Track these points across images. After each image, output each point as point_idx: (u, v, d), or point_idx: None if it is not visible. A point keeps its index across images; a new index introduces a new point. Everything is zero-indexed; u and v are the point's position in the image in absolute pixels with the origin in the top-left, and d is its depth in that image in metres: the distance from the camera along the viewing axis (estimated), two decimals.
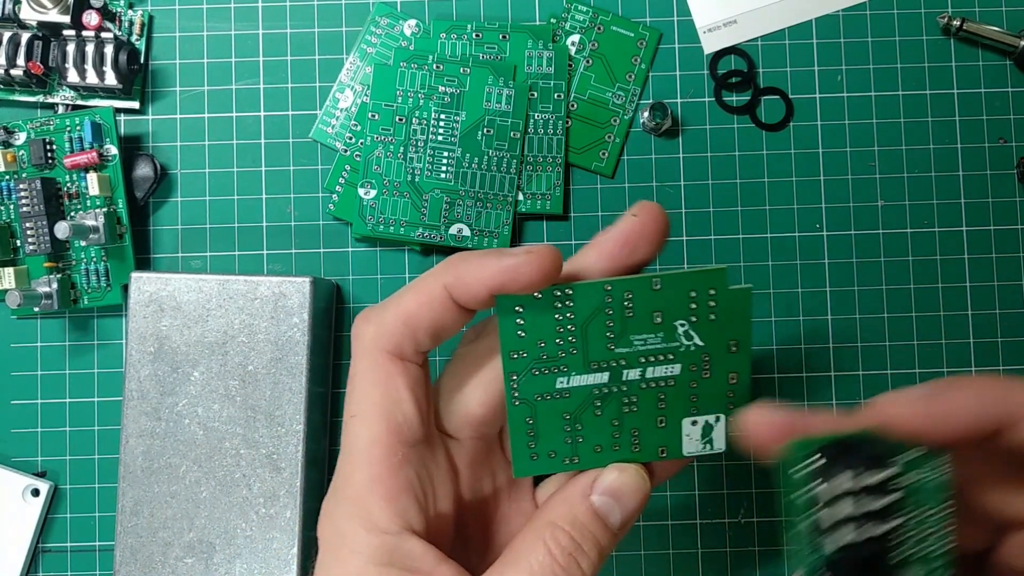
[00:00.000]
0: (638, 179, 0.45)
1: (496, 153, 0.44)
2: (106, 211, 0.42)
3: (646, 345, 0.26)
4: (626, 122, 0.45)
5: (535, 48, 0.44)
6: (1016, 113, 0.45)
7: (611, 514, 0.27)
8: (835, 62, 0.45)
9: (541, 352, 0.26)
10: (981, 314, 0.44)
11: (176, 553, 0.40)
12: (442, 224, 0.43)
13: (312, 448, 0.41)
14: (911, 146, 0.45)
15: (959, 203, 0.45)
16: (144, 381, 0.40)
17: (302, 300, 0.40)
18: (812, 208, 0.44)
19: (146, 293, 0.40)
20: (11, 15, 0.43)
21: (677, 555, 0.44)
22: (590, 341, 0.26)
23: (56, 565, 0.44)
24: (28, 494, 0.43)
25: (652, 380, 0.27)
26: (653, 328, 0.26)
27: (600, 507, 0.27)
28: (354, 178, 0.44)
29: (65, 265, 0.43)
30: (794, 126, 0.45)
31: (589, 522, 0.27)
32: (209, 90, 0.45)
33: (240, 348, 0.40)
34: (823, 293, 0.44)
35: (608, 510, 0.27)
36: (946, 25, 0.44)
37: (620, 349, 0.26)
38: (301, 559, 0.40)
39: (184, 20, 0.45)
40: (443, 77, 0.44)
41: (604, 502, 0.27)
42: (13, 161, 0.43)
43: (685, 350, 0.26)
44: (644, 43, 0.45)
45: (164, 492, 0.40)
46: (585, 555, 0.26)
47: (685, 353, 0.26)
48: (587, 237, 0.44)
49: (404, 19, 0.45)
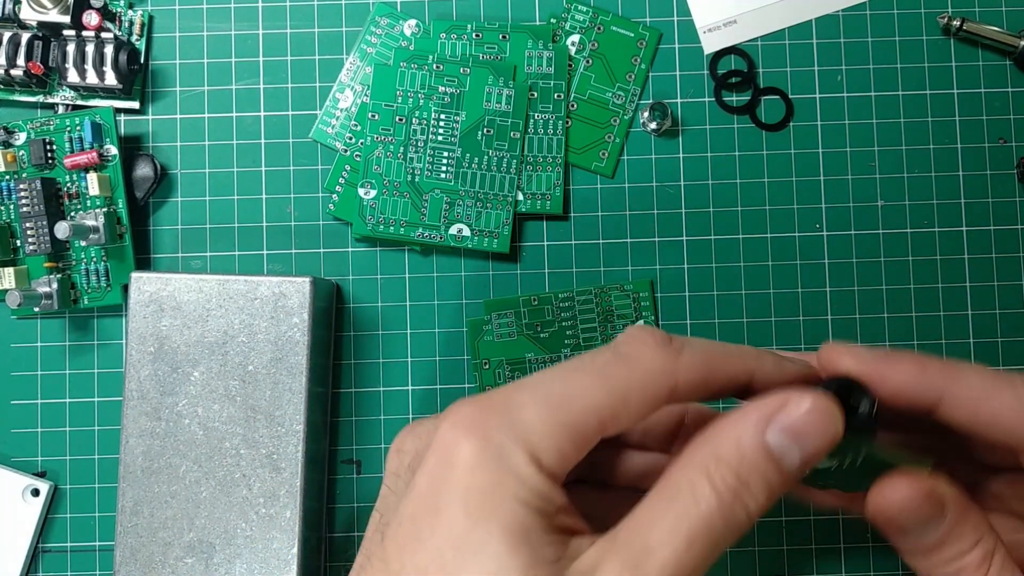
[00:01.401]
0: (638, 179, 0.45)
1: (496, 153, 0.44)
2: (106, 211, 0.42)
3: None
4: (626, 122, 0.45)
5: (535, 48, 0.44)
6: (1016, 113, 0.45)
7: (787, 456, 0.23)
8: (835, 62, 0.45)
9: None
10: (981, 314, 0.44)
11: (176, 553, 0.40)
12: (442, 224, 0.43)
13: (312, 448, 0.41)
14: (911, 146, 0.45)
15: (959, 203, 0.45)
16: (144, 381, 0.40)
17: (302, 300, 0.40)
18: (812, 208, 0.44)
19: (146, 293, 0.40)
20: (11, 15, 0.43)
21: None
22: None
23: (56, 565, 0.44)
24: (28, 494, 0.43)
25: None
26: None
27: (776, 447, 0.23)
28: (354, 178, 0.44)
29: (65, 265, 0.43)
30: (794, 126, 0.45)
31: (760, 461, 0.23)
32: (209, 90, 0.45)
33: (240, 348, 0.40)
34: (823, 293, 0.44)
35: (785, 451, 0.23)
36: (946, 25, 0.44)
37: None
38: (301, 559, 0.40)
39: (184, 20, 0.45)
40: (443, 77, 0.44)
41: (781, 442, 0.23)
42: (13, 161, 0.43)
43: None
44: (644, 43, 0.45)
45: (164, 492, 0.40)
46: (753, 497, 0.23)
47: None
48: (587, 237, 0.44)
49: (404, 19, 0.45)
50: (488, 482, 0.22)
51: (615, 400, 0.24)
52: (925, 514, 0.25)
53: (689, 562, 0.22)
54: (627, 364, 0.24)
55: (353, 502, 0.44)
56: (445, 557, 0.22)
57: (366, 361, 0.44)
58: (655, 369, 0.24)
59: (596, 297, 0.44)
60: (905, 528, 0.25)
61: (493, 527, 0.22)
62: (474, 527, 0.22)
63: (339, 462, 0.44)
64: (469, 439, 0.23)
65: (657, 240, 0.44)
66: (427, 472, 0.23)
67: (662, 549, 0.22)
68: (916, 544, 0.25)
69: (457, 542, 0.22)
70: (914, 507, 0.25)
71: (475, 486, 0.22)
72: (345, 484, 0.44)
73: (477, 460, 0.22)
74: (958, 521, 0.25)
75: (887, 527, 0.25)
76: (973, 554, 0.25)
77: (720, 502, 0.22)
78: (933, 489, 0.25)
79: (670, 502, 0.23)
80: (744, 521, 0.23)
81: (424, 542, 0.22)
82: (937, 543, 0.25)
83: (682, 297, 0.44)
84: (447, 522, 0.22)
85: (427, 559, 0.22)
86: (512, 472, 0.22)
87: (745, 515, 0.23)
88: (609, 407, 0.24)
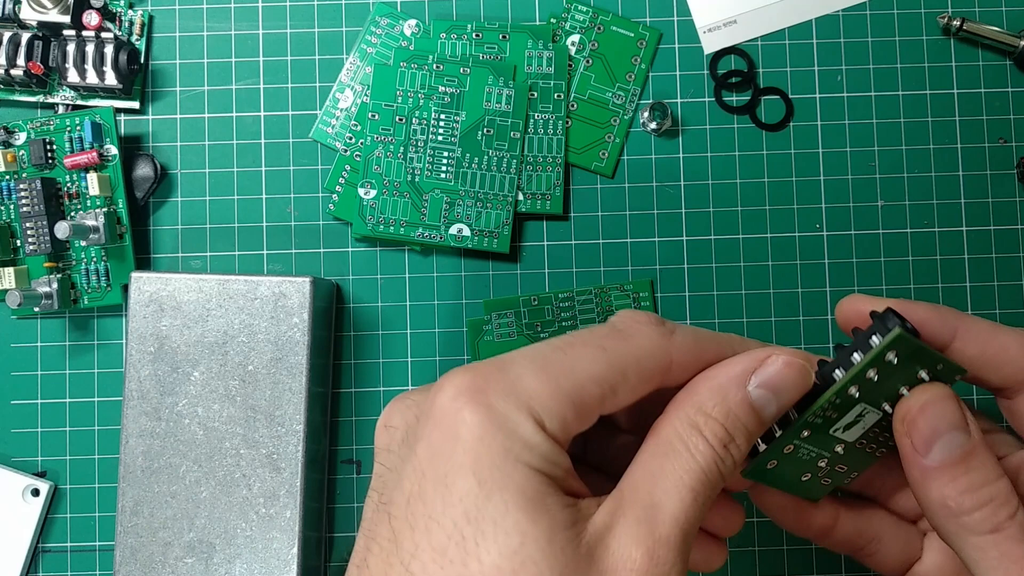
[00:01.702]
0: (638, 179, 0.45)
1: (496, 153, 0.44)
2: (106, 211, 0.42)
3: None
4: (626, 122, 0.45)
5: (535, 48, 0.44)
6: (1016, 113, 0.45)
7: (767, 408, 0.25)
8: (835, 62, 0.45)
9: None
10: (981, 314, 0.44)
11: (176, 553, 0.40)
12: (442, 224, 0.43)
13: (312, 448, 0.41)
14: (911, 146, 0.45)
15: (959, 203, 0.45)
16: (144, 381, 0.40)
17: (302, 300, 0.40)
18: (812, 208, 0.44)
19: (146, 293, 0.40)
20: (11, 15, 0.43)
21: None
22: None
23: (56, 565, 0.44)
24: (28, 494, 0.43)
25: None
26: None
27: (757, 400, 0.25)
28: (354, 178, 0.44)
29: (65, 265, 0.43)
30: (794, 126, 0.45)
31: (744, 415, 0.24)
32: (209, 90, 0.45)
33: (240, 348, 0.40)
34: (823, 293, 0.44)
35: (765, 403, 0.25)
36: (946, 25, 0.44)
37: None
38: (301, 559, 0.40)
39: (184, 20, 0.45)
40: (443, 77, 0.44)
41: (762, 395, 0.25)
42: (13, 161, 0.43)
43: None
44: (644, 43, 0.45)
45: (164, 492, 0.40)
46: (737, 447, 0.24)
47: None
48: (587, 237, 0.44)
49: (404, 19, 0.45)
50: (497, 451, 0.22)
51: (615, 372, 0.24)
52: (951, 417, 0.25)
53: (694, 513, 0.23)
54: (625, 339, 0.25)
55: (353, 502, 0.44)
56: (464, 532, 0.21)
57: (366, 361, 0.44)
58: (652, 345, 0.25)
59: (596, 297, 0.44)
60: (930, 436, 0.25)
61: (509, 496, 0.22)
62: (489, 498, 0.22)
63: (339, 462, 0.44)
64: (471, 408, 0.22)
65: (657, 240, 0.44)
66: (430, 445, 0.23)
67: (669, 503, 0.23)
68: (943, 458, 0.25)
69: (474, 515, 0.21)
70: (940, 406, 0.25)
71: (484, 456, 0.22)
72: (345, 484, 0.44)
73: (483, 429, 0.22)
74: (982, 444, 0.25)
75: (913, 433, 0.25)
76: (1001, 483, 0.25)
77: (714, 454, 0.24)
78: (958, 397, 0.26)
79: (667, 458, 0.24)
80: (731, 470, 0.24)
81: (437, 519, 0.22)
82: (962, 459, 0.25)
83: (682, 297, 0.44)
84: (459, 496, 0.22)
85: (443, 536, 0.22)
86: (521, 439, 0.22)
87: (732, 464, 0.24)
88: (609, 379, 0.24)
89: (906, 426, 0.26)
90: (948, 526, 0.25)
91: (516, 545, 0.21)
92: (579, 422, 0.24)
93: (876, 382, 0.25)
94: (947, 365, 0.26)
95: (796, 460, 0.27)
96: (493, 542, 0.21)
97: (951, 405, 0.26)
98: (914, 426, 0.26)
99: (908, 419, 0.26)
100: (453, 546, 0.21)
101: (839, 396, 0.25)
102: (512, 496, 0.22)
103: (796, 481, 0.28)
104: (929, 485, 0.25)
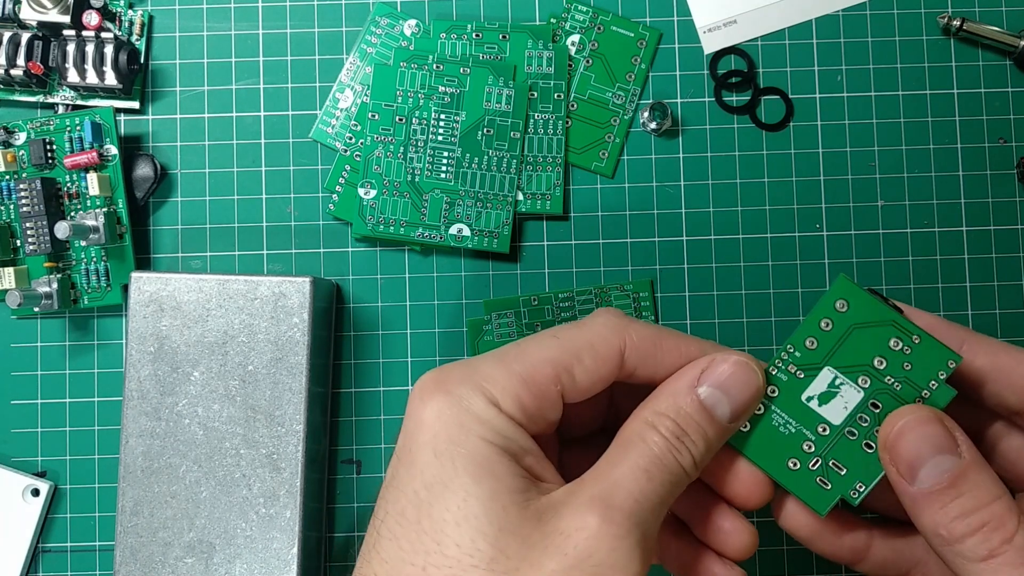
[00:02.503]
0: (638, 179, 0.45)
1: (496, 153, 0.44)
2: (106, 211, 0.42)
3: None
4: (626, 122, 0.45)
5: (535, 48, 0.44)
6: (1016, 113, 0.45)
7: (718, 406, 0.27)
8: (835, 62, 0.45)
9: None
10: (981, 314, 0.44)
11: (176, 553, 0.40)
12: (442, 224, 0.43)
13: (312, 448, 0.41)
14: (911, 146, 0.45)
15: (959, 203, 0.45)
16: (144, 381, 0.40)
17: (302, 300, 0.40)
18: (812, 208, 0.44)
19: (146, 293, 0.40)
20: (11, 15, 0.43)
21: None
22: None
23: (56, 565, 0.44)
24: (28, 494, 0.43)
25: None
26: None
27: (706, 399, 0.27)
28: (354, 178, 0.44)
29: (65, 265, 0.43)
30: (794, 126, 0.45)
31: (695, 413, 0.26)
32: (209, 90, 0.45)
33: (240, 348, 0.40)
34: (823, 293, 0.44)
35: (715, 402, 0.27)
36: (946, 25, 0.44)
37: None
38: (301, 559, 0.40)
39: (184, 20, 0.45)
40: (443, 77, 0.44)
41: (711, 394, 0.27)
42: (13, 161, 0.43)
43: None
44: (644, 43, 0.45)
45: (164, 492, 0.40)
46: (692, 443, 0.26)
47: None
48: (587, 237, 0.44)
49: (404, 19, 0.45)
50: (452, 426, 0.25)
51: (567, 354, 0.27)
52: (935, 440, 0.25)
53: (651, 490, 0.25)
54: (579, 327, 0.28)
55: (353, 502, 0.44)
56: (420, 496, 0.25)
57: (366, 361, 0.44)
58: (606, 329, 0.27)
59: (596, 297, 0.44)
60: (914, 462, 0.25)
61: (459, 463, 0.25)
62: (442, 466, 0.25)
63: (339, 462, 0.44)
64: (433, 396, 0.26)
65: (657, 240, 0.44)
66: (404, 433, 0.26)
67: (626, 481, 0.25)
68: (931, 484, 0.25)
69: (428, 481, 0.25)
70: (921, 430, 0.25)
71: (441, 431, 0.25)
72: (345, 484, 0.44)
73: (440, 410, 0.25)
74: (974, 465, 0.25)
75: (897, 459, 0.25)
76: (996, 506, 0.24)
77: (667, 444, 0.26)
78: (943, 417, 0.26)
79: (625, 448, 0.26)
80: (691, 463, 0.26)
81: (402, 489, 0.25)
82: (951, 484, 0.25)
83: (682, 297, 0.44)
84: (420, 468, 0.25)
85: (404, 502, 0.25)
86: (472, 414, 0.25)
87: (690, 458, 0.26)
88: (562, 361, 0.26)
89: (888, 452, 0.26)
90: (944, 554, 0.25)
91: (460, 501, 0.24)
92: (536, 400, 0.26)
93: (833, 336, 0.25)
94: (907, 326, 0.25)
95: (774, 433, 0.27)
96: (441, 500, 0.24)
97: (933, 428, 0.25)
98: (895, 452, 0.26)
99: (888, 444, 0.26)
100: (411, 508, 0.25)
101: (797, 348, 0.26)
102: (462, 462, 0.25)
103: (782, 467, 0.28)
104: (920, 512, 0.25)
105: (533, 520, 0.24)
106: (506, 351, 0.27)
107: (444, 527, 0.24)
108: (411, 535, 0.24)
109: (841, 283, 0.26)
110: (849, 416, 0.27)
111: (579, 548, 0.23)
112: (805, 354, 0.26)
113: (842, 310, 0.25)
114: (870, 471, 0.27)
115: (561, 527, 0.24)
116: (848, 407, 0.27)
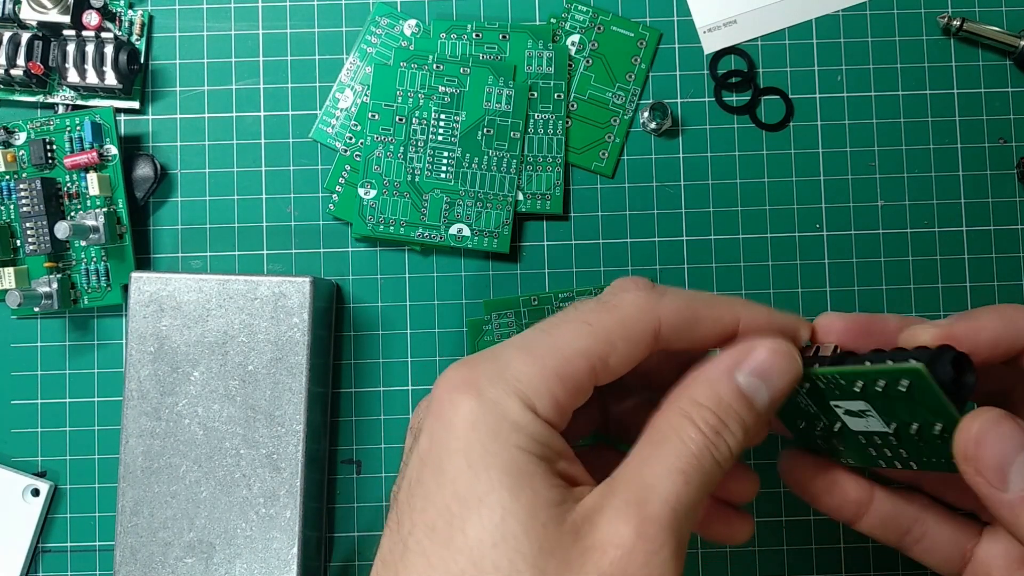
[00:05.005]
0: (638, 179, 0.45)
1: (496, 153, 0.44)
2: (106, 211, 0.42)
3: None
4: (626, 122, 0.45)
5: (535, 48, 0.44)
6: (1016, 113, 0.45)
7: (757, 394, 0.26)
8: (835, 62, 0.45)
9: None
10: None
11: (176, 553, 0.40)
12: (442, 224, 0.43)
13: (312, 448, 0.41)
14: (911, 146, 0.45)
15: (959, 203, 0.45)
16: (144, 381, 0.40)
17: (302, 300, 0.40)
18: (812, 208, 0.44)
19: (146, 293, 0.40)
20: (11, 15, 0.43)
21: None
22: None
23: (56, 565, 0.44)
24: (28, 494, 0.43)
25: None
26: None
27: (746, 387, 0.25)
28: (354, 178, 0.44)
29: (65, 265, 0.43)
30: (794, 126, 0.45)
31: (734, 402, 0.25)
32: (209, 90, 0.45)
33: (240, 348, 0.40)
34: (823, 293, 0.44)
35: (755, 391, 0.26)
36: (946, 25, 0.44)
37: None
38: (301, 559, 0.40)
39: (184, 20, 0.45)
40: (443, 77, 0.44)
41: (750, 383, 0.26)
42: (13, 161, 0.43)
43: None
44: (644, 43, 0.45)
45: (164, 492, 0.40)
46: (732, 434, 0.25)
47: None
48: (587, 237, 0.44)
49: (404, 19, 0.45)
50: (486, 434, 0.23)
51: (601, 344, 0.25)
52: (1017, 437, 0.23)
53: (687, 495, 0.24)
54: (609, 310, 0.26)
55: (353, 502, 0.44)
56: (452, 510, 0.23)
57: (366, 361, 0.44)
58: (638, 310, 0.26)
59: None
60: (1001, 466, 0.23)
61: (494, 475, 0.23)
62: (476, 478, 0.23)
63: (339, 462, 0.44)
64: (464, 397, 0.24)
65: (657, 240, 0.44)
66: (428, 435, 0.24)
67: (661, 485, 0.23)
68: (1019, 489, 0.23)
69: (462, 494, 0.23)
70: (999, 430, 0.24)
71: (475, 439, 0.23)
72: (345, 484, 0.44)
73: (474, 415, 0.24)
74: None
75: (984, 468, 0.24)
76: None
77: (705, 440, 0.24)
78: (1010, 413, 0.24)
79: (660, 445, 0.24)
80: (728, 456, 0.25)
81: (431, 499, 0.24)
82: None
83: None
84: (451, 477, 0.23)
85: (435, 515, 0.23)
86: (508, 421, 0.24)
87: (728, 450, 0.25)
88: (597, 351, 0.25)
89: (971, 464, 0.24)
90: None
91: (497, 520, 0.22)
92: (572, 397, 0.25)
93: (882, 395, 0.24)
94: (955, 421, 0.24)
95: (791, 402, 0.28)
96: (477, 517, 0.23)
97: (1009, 425, 0.24)
98: (981, 461, 0.24)
99: (969, 455, 0.24)
100: (442, 523, 0.23)
101: (844, 378, 0.25)
102: (497, 475, 0.23)
103: (791, 422, 0.28)
104: (1019, 517, 0.24)
105: (571, 536, 0.23)
106: (535, 341, 0.25)
107: (481, 548, 0.22)
108: (443, 552, 0.23)
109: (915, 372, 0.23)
110: (866, 432, 0.27)
111: (614, 565, 0.22)
112: (848, 382, 0.25)
113: (903, 388, 0.24)
114: (862, 458, 0.28)
115: (596, 541, 0.23)
116: (869, 428, 0.26)
